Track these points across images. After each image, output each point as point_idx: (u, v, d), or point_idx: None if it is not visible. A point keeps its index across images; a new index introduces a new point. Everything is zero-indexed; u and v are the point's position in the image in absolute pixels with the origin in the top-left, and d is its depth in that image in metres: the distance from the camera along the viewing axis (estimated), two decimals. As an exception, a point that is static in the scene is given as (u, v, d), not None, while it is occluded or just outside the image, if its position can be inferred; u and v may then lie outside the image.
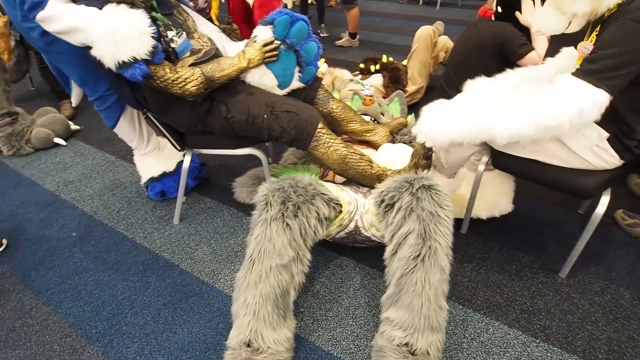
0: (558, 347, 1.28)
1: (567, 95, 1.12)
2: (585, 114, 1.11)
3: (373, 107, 1.96)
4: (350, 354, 1.26)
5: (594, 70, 1.11)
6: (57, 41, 1.39)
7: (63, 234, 1.77)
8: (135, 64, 1.21)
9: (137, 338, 1.32)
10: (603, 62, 1.10)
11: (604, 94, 1.10)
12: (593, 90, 1.10)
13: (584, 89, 1.11)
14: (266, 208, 1.20)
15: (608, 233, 1.71)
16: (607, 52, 1.10)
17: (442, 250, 1.14)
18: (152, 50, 1.23)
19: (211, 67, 1.38)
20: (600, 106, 1.11)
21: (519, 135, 1.18)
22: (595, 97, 1.10)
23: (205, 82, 1.35)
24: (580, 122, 1.13)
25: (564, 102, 1.12)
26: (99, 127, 2.65)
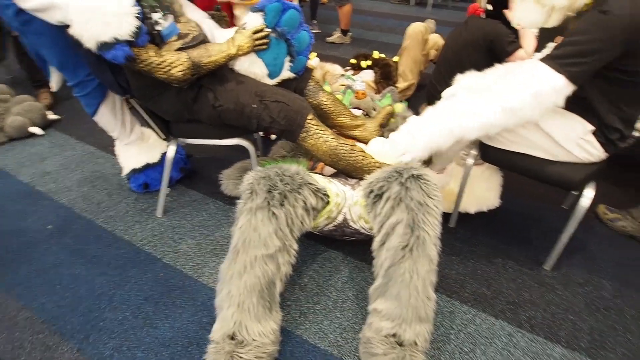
0: (542, 337, 1.28)
1: (526, 77, 1.15)
2: (542, 97, 1.13)
3: (365, 101, 1.95)
4: (338, 346, 1.24)
5: (557, 55, 1.13)
6: (33, 20, 1.32)
7: (39, 226, 1.70)
8: (117, 44, 1.16)
9: (115, 334, 1.27)
10: (566, 48, 1.12)
11: (563, 79, 1.11)
12: (552, 74, 1.12)
13: (543, 71, 1.13)
14: (251, 197, 1.17)
15: (591, 227, 1.74)
16: (572, 39, 1.12)
17: (431, 241, 1.13)
18: (135, 31, 1.18)
19: (198, 52, 1.33)
20: (557, 91, 1.12)
21: (487, 125, 1.20)
22: (553, 81, 1.12)
23: (192, 67, 1.31)
24: (538, 105, 1.14)
25: (523, 84, 1.14)
26: (79, 117, 2.56)
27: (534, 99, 1.13)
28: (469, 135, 1.24)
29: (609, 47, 1.09)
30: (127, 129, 1.79)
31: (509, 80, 1.18)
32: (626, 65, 1.14)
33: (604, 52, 1.10)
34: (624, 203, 1.82)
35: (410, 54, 2.62)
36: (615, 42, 1.08)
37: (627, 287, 1.47)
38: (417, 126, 1.29)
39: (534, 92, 1.13)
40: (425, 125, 1.27)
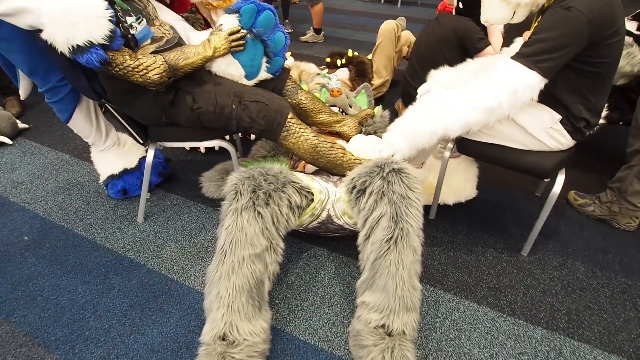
0: (523, 319, 1.34)
1: (502, 77, 1.20)
2: (519, 94, 1.18)
3: (341, 99, 1.97)
4: (328, 341, 1.26)
5: (528, 53, 1.18)
6: (2, 26, 1.27)
7: (13, 238, 1.64)
8: (91, 48, 1.13)
9: (101, 342, 1.24)
10: (536, 46, 1.17)
11: (537, 76, 1.17)
12: (526, 72, 1.17)
13: (518, 70, 1.18)
14: (236, 197, 1.17)
15: (563, 213, 1.82)
16: (540, 36, 1.18)
17: (414, 232, 1.16)
18: (109, 35, 1.16)
19: (174, 55, 1.32)
20: (532, 87, 1.19)
21: (469, 124, 1.26)
22: (528, 78, 1.18)
23: (168, 70, 1.30)
24: (515, 102, 1.20)
25: (500, 84, 1.20)
26: (50, 124, 2.48)
27: (511, 97, 1.19)
28: (452, 134, 1.29)
29: (576, 40, 1.16)
30: (102, 135, 1.75)
31: (486, 80, 1.23)
32: (589, 56, 1.21)
33: (571, 46, 1.16)
34: (592, 187, 1.92)
35: (383, 52, 2.67)
36: (581, 36, 1.15)
37: (599, 268, 1.55)
38: (404, 126, 1.33)
39: (511, 90, 1.18)
40: (410, 126, 1.32)
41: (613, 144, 2.35)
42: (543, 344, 1.27)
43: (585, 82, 1.28)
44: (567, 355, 1.23)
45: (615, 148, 2.31)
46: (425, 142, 1.30)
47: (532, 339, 1.28)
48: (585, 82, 1.28)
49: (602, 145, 2.32)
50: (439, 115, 1.28)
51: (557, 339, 1.28)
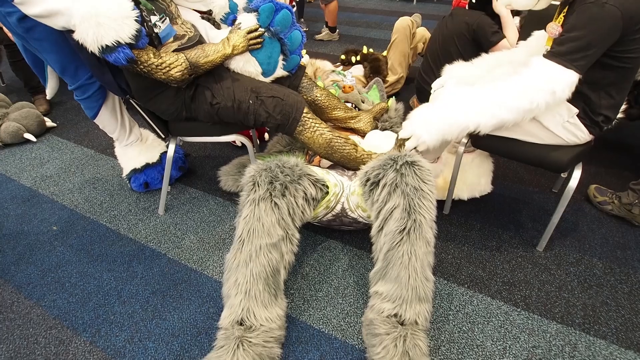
0: (538, 314, 1.34)
1: (540, 78, 1.19)
2: (557, 94, 1.18)
3: (353, 94, 1.99)
4: (342, 330, 1.29)
5: (563, 52, 1.18)
6: (36, 27, 1.35)
7: (43, 228, 1.73)
8: (118, 47, 1.19)
9: (125, 326, 1.31)
10: (570, 45, 1.17)
11: (574, 74, 1.17)
12: (563, 71, 1.17)
13: (555, 70, 1.18)
14: (254, 188, 1.21)
15: (581, 209, 1.80)
16: (573, 35, 1.17)
17: (427, 224, 1.18)
18: (135, 34, 1.21)
19: (195, 53, 1.37)
20: (570, 86, 1.18)
21: (503, 122, 1.25)
22: (566, 78, 1.17)
23: (189, 67, 1.35)
24: (554, 102, 1.20)
25: (538, 85, 1.18)
26: (75, 122, 2.59)
27: (550, 97, 1.18)
28: (483, 131, 1.28)
29: (610, 37, 1.15)
30: (126, 131, 1.82)
31: (522, 80, 1.21)
32: (617, 51, 1.20)
33: (605, 42, 1.16)
34: (612, 183, 1.89)
35: (398, 48, 2.67)
36: (615, 32, 1.14)
37: (617, 265, 1.52)
38: (432, 118, 1.31)
39: (549, 90, 1.18)
40: (439, 118, 1.30)
41: (635, 140, 2.30)
42: (558, 339, 1.26)
43: (609, 76, 1.26)
44: (582, 350, 1.23)
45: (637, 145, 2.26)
46: (454, 136, 1.29)
47: (547, 333, 1.28)
48: (609, 77, 1.26)
49: (624, 141, 2.27)
50: (472, 111, 1.26)
51: (572, 334, 1.28)
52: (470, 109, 1.26)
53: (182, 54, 1.36)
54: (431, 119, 1.31)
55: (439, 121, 1.29)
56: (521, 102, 1.20)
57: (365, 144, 1.69)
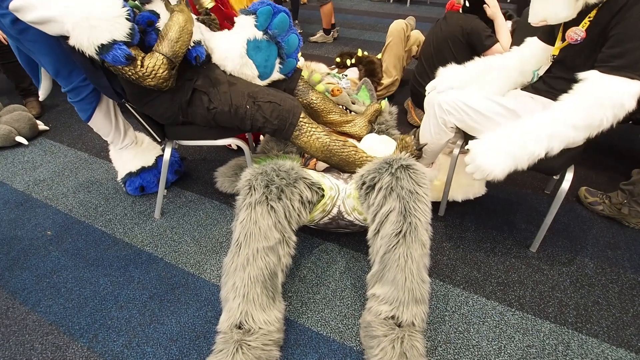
0: (532, 314, 1.36)
1: (606, 94, 1.16)
2: (626, 106, 1.16)
3: (342, 97, 2.00)
4: (340, 332, 1.30)
5: (626, 65, 1.16)
6: (30, 29, 1.34)
7: (37, 233, 1.71)
8: (115, 45, 1.19)
9: (123, 331, 1.30)
10: (633, 55, 1.15)
11: (638, 84, 1.15)
12: (629, 83, 1.15)
13: (620, 84, 1.16)
14: (250, 192, 1.22)
15: (573, 210, 1.83)
16: (634, 44, 1.15)
17: (422, 226, 1.20)
18: (130, 32, 1.21)
19: (163, 44, 1.32)
20: (637, 95, 1.16)
21: (573, 143, 1.24)
22: (633, 89, 1.15)
23: (170, 60, 1.32)
24: (622, 113, 1.17)
25: (606, 102, 1.16)
26: (68, 124, 2.57)
27: (619, 110, 1.16)
28: (552, 153, 1.24)
29: None
30: (121, 133, 1.81)
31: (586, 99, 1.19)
32: None
33: None
34: (602, 185, 1.92)
35: (393, 51, 2.70)
36: None
37: (608, 265, 1.56)
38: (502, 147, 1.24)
39: (617, 104, 1.16)
40: (510, 148, 1.23)
41: (624, 143, 2.34)
42: (551, 338, 1.29)
43: None
44: (575, 349, 1.25)
45: (627, 146, 2.31)
46: (525, 165, 1.25)
47: (541, 332, 1.30)
48: None
49: (613, 143, 2.32)
50: (543, 136, 1.21)
51: (565, 333, 1.30)
52: (541, 135, 1.21)
53: (154, 52, 1.32)
54: (499, 151, 1.23)
55: (509, 153, 1.22)
56: (591, 121, 1.18)
57: (363, 147, 1.71)
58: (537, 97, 1.49)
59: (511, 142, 1.23)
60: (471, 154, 1.26)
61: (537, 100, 1.47)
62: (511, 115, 1.40)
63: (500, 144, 1.24)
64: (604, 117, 1.17)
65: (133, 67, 1.27)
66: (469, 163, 1.27)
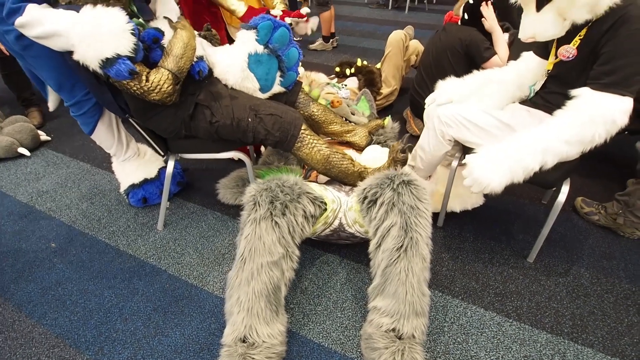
0: (529, 324, 1.39)
1: (598, 111, 1.19)
2: (618, 122, 1.19)
3: (341, 108, 2.03)
4: (341, 344, 1.32)
5: (616, 82, 1.19)
6: (33, 45, 1.37)
7: (41, 245, 1.73)
8: (119, 59, 1.21)
9: (128, 344, 1.32)
10: (623, 72, 1.18)
11: (630, 100, 1.19)
12: (621, 100, 1.18)
13: (612, 101, 1.19)
14: (255, 208, 1.25)
15: (569, 220, 1.87)
16: (624, 62, 1.18)
17: (423, 241, 1.22)
18: (134, 47, 1.23)
19: (169, 60, 1.35)
20: (629, 111, 1.20)
21: (566, 158, 1.27)
22: (624, 106, 1.18)
23: (175, 75, 1.35)
24: (614, 129, 1.21)
25: (598, 118, 1.19)
26: (70, 135, 2.59)
27: (612, 127, 1.20)
28: (546, 167, 1.28)
29: None
30: (123, 146, 1.84)
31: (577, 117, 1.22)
32: None
33: None
34: (597, 194, 1.96)
35: (392, 61, 2.73)
36: None
37: (604, 275, 1.59)
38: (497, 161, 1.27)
39: (610, 121, 1.19)
40: (506, 162, 1.26)
41: (620, 153, 2.38)
42: (548, 348, 1.31)
43: None
44: (571, 359, 1.28)
45: (622, 157, 2.34)
46: (520, 178, 1.28)
47: (537, 343, 1.33)
48: None
49: (608, 153, 2.35)
50: (538, 151, 1.24)
51: (562, 343, 1.33)
52: (536, 150, 1.25)
53: (160, 67, 1.35)
54: (496, 165, 1.26)
55: (506, 166, 1.25)
56: (584, 137, 1.21)
57: (364, 158, 1.74)
58: (534, 111, 1.53)
59: (507, 156, 1.26)
60: (469, 168, 1.30)
61: (533, 115, 1.51)
62: (508, 129, 1.44)
63: (497, 158, 1.27)
64: (595, 133, 1.20)
65: (138, 82, 1.30)
66: (467, 176, 1.30)
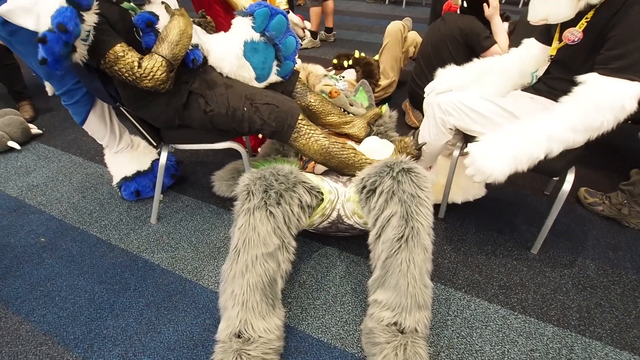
0: (534, 317, 1.35)
1: (607, 96, 1.15)
2: (627, 108, 1.14)
3: (339, 99, 1.98)
4: (341, 339, 1.27)
5: (626, 66, 1.14)
6: (20, 31, 1.31)
7: (30, 240, 1.68)
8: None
9: (119, 341, 1.27)
10: (632, 57, 1.13)
11: (639, 85, 1.13)
12: (629, 85, 1.13)
13: (621, 86, 1.14)
14: (248, 197, 1.20)
15: (573, 211, 1.82)
16: (633, 46, 1.13)
17: (424, 230, 1.17)
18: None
19: (163, 46, 1.29)
20: (638, 97, 1.14)
21: (573, 145, 1.22)
22: (633, 90, 1.13)
23: (169, 63, 1.29)
24: (624, 115, 1.16)
25: (606, 104, 1.14)
26: (62, 128, 2.53)
27: (620, 112, 1.15)
28: (552, 155, 1.23)
29: None
30: (116, 137, 1.78)
31: (586, 102, 1.17)
32: None
33: None
34: (602, 185, 1.92)
35: (390, 52, 2.68)
36: None
37: (610, 266, 1.55)
38: (501, 149, 1.22)
39: (619, 107, 1.14)
40: (510, 151, 1.21)
41: (623, 143, 2.34)
42: (554, 341, 1.27)
43: None
44: (579, 352, 1.24)
45: (626, 146, 2.31)
46: (525, 167, 1.23)
47: (544, 336, 1.29)
48: None
49: (612, 143, 2.31)
50: (543, 139, 1.20)
51: (569, 336, 1.29)
52: (541, 137, 1.20)
53: (153, 53, 1.29)
54: (499, 153, 1.21)
55: (509, 155, 1.20)
56: (592, 123, 1.17)
57: (363, 149, 1.69)
58: (537, 97, 1.48)
59: (511, 144, 1.21)
60: (471, 157, 1.25)
61: (537, 101, 1.46)
62: (510, 117, 1.39)
63: (500, 146, 1.22)
64: (604, 119, 1.16)
65: (130, 69, 1.24)
66: (469, 166, 1.25)
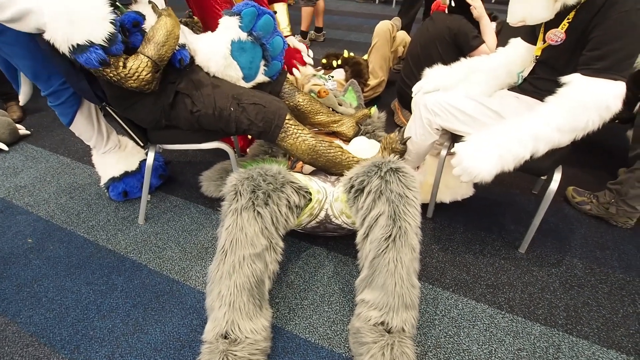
0: (522, 316, 1.35)
1: (591, 97, 1.15)
2: (611, 108, 1.15)
3: (328, 99, 1.98)
4: (328, 339, 1.27)
5: (608, 67, 1.15)
6: (6, 31, 1.29)
7: (17, 241, 1.66)
8: (91, 47, 1.14)
9: (106, 342, 1.26)
10: (615, 57, 1.14)
11: (622, 84, 1.15)
12: (612, 85, 1.14)
13: (604, 86, 1.15)
14: (236, 198, 1.19)
15: (561, 210, 1.84)
16: (615, 46, 1.14)
17: (412, 230, 1.18)
18: (110, 37, 1.17)
19: (149, 47, 1.28)
20: (622, 96, 1.16)
21: (558, 145, 1.23)
22: (617, 90, 1.14)
23: (154, 63, 1.28)
24: (608, 115, 1.17)
25: (591, 104, 1.15)
26: (50, 129, 2.50)
27: (605, 112, 1.16)
28: (537, 155, 1.24)
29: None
30: (103, 138, 1.77)
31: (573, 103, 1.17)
32: None
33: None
34: (589, 184, 1.93)
35: (379, 52, 2.68)
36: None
37: (597, 265, 1.56)
38: (486, 149, 1.22)
39: (604, 107, 1.15)
40: (495, 151, 1.22)
41: (611, 142, 2.37)
42: (542, 340, 1.28)
43: None
44: (566, 351, 1.25)
45: (613, 145, 2.33)
46: (511, 167, 1.24)
47: (531, 335, 1.30)
48: None
49: (599, 143, 2.34)
50: (528, 139, 1.21)
51: (556, 335, 1.30)
52: (526, 137, 1.21)
53: (139, 54, 1.28)
54: (485, 153, 1.22)
55: (495, 155, 1.21)
56: (577, 124, 1.18)
57: (351, 149, 1.69)
58: (522, 97, 1.49)
59: (497, 143, 1.22)
60: (457, 157, 1.25)
61: (522, 101, 1.47)
62: (497, 117, 1.40)
63: (486, 146, 1.23)
64: (589, 119, 1.17)
65: (115, 69, 1.23)
66: (456, 166, 1.26)
